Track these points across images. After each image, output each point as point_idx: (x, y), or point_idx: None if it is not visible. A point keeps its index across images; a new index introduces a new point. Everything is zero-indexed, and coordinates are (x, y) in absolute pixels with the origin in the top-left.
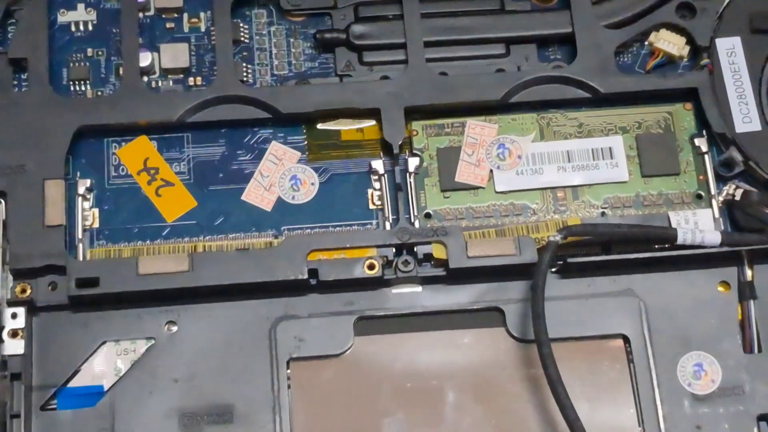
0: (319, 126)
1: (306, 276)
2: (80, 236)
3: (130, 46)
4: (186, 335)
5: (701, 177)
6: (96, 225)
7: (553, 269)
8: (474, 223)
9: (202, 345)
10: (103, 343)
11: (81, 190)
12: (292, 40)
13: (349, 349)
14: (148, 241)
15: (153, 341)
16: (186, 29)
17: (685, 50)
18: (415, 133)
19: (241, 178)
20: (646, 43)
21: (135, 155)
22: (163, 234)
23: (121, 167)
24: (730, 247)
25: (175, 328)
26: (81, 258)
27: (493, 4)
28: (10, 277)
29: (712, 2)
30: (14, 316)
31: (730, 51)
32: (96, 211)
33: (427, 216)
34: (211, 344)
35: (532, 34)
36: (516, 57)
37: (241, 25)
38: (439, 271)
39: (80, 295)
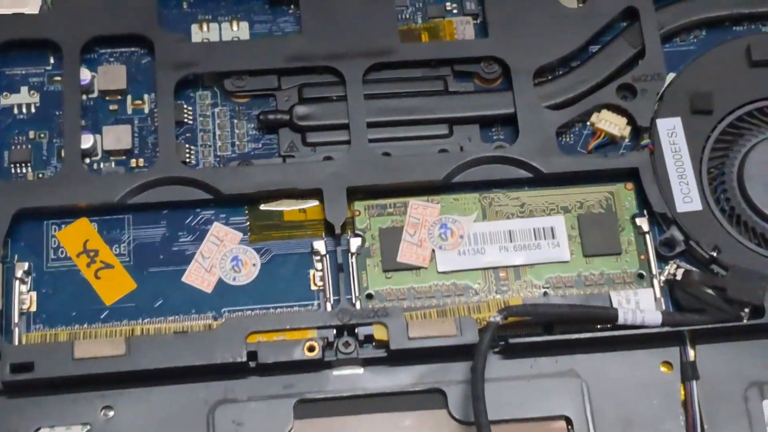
0: (262, 207)
1: (245, 359)
2: (16, 320)
3: (72, 128)
4: (123, 420)
5: (642, 257)
6: (33, 309)
7: (495, 350)
8: (416, 304)
9: (139, 430)
10: (38, 429)
11: (18, 273)
12: (236, 121)
13: None
14: (85, 325)
15: (89, 427)
16: (129, 111)
17: (627, 130)
18: (357, 213)
19: (182, 259)
20: (588, 123)
21: (75, 237)
22: (102, 317)
23: (60, 250)
24: (671, 327)
25: (111, 413)
26: (16, 342)
27: (437, 85)
28: None
29: (652, 83)
30: None
31: (671, 131)
32: (34, 294)
33: (369, 297)
34: (148, 429)
35: (474, 114)
36: (459, 137)
37: (185, 106)
38: (381, 353)
39: (14, 381)
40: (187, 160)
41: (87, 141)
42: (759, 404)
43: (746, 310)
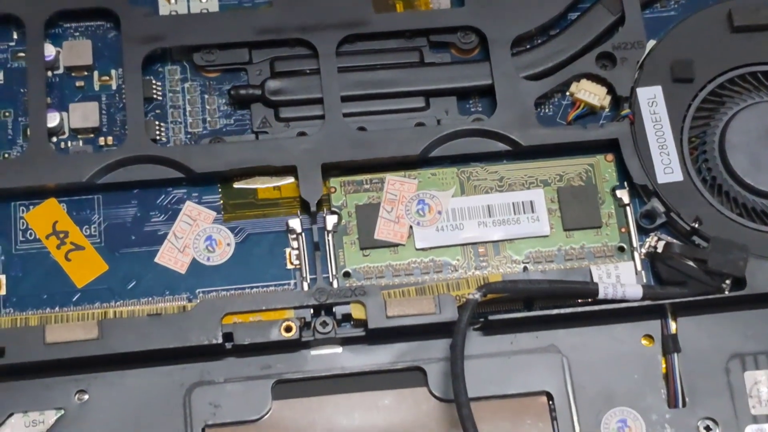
0: (235, 185)
1: (220, 340)
2: None
3: (37, 107)
4: (97, 404)
5: (623, 229)
6: (2, 292)
7: (475, 327)
8: (394, 281)
9: (114, 414)
10: (11, 414)
11: None
12: (206, 96)
13: (267, 413)
14: (57, 308)
15: (63, 411)
16: (96, 87)
17: (606, 100)
18: (333, 190)
19: (154, 240)
20: (567, 93)
21: (43, 219)
22: (74, 300)
23: (29, 231)
24: (652, 301)
25: (86, 397)
26: None
27: (413, 56)
28: None
29: (632, 51)
30: None
31: (652, 100)
32: (3, 277)
33: (346, 275)
34: (124, 413)
35: (451, 86)
36: (436, 110)
37: (154, 82)
38: (359, 332)
39: None
40: (158, 137)
41: (53, 119)
42: (740, 376)
43: (727, 281)
